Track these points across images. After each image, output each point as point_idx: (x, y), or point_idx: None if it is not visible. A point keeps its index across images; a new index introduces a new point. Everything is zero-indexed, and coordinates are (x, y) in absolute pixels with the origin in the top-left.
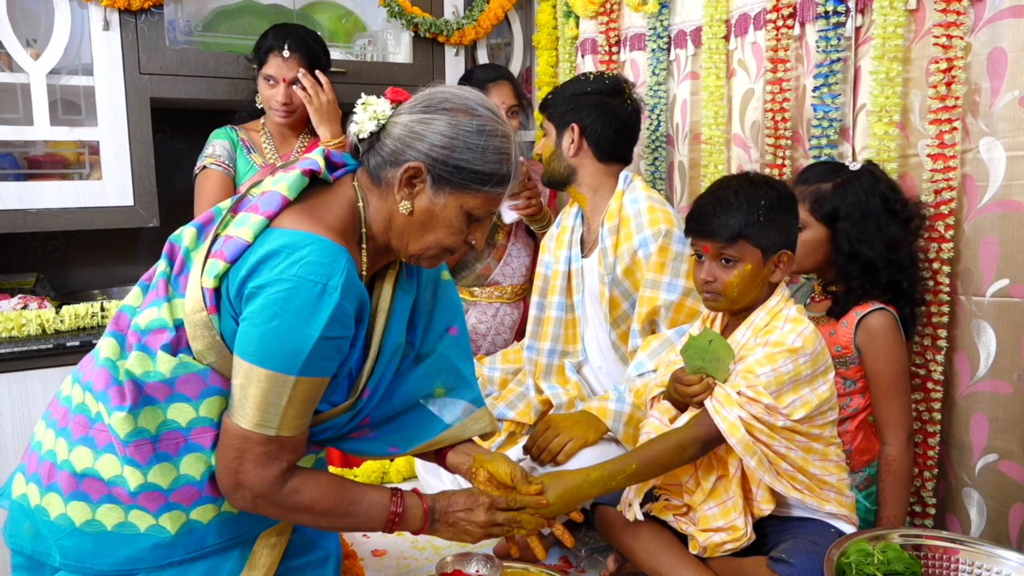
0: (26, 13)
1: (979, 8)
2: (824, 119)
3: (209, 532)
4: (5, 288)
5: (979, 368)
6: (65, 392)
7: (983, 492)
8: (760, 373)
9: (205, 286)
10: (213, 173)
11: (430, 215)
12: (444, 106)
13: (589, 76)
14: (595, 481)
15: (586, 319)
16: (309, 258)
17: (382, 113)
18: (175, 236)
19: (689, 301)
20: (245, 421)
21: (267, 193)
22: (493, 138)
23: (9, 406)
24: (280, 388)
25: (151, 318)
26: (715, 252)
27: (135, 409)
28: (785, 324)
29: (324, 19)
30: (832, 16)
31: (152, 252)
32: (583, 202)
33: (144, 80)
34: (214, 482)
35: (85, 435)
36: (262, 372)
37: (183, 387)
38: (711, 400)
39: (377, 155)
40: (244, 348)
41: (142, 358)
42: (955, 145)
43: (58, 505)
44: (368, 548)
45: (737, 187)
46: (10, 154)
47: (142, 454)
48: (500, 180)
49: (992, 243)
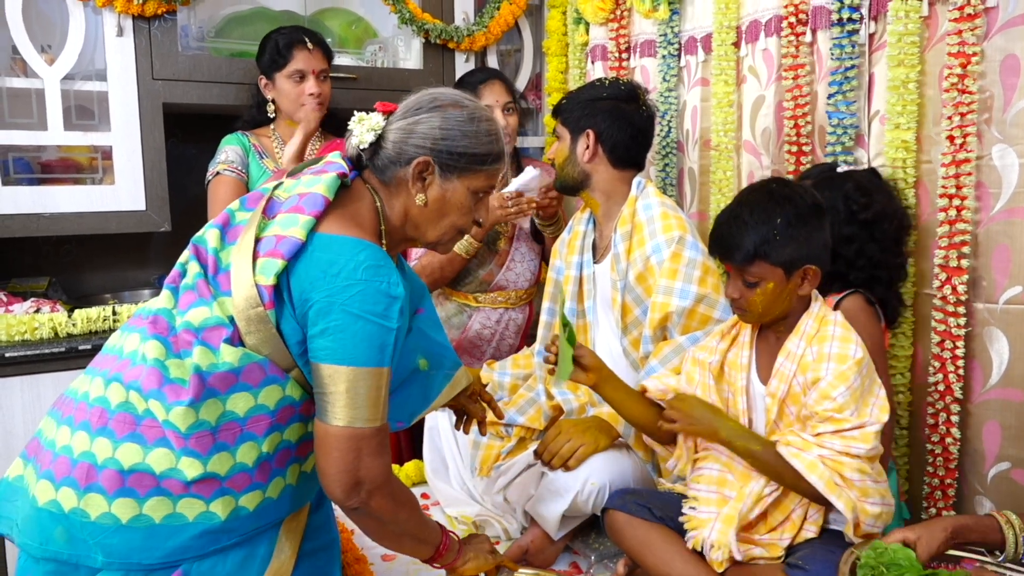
0: (41, 19)
1: (992, 15)
2: (839, 126)
3: (252, 518)
4: (18, 292)
5: (992, 376)
6: (95, 393)
7: (995, 500)
8: (836, 396)
9: (261, 283)
10: (227, 179)
11: (443, 201)
12: (433, 105)
13: (604, 82)
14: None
15: (597, 325)
16: (367, 263)
17: (377, 124)
18: (198, 238)
19: (702, 308)
20: (358, 421)
21: (309, 195)
22: (482, 123)
23: (21, 409)
24: (378, 381)
25: (204, 316)
26: (735, 272)
27: (196, 403)
28: (836, 329)
29: (335, 25)
30: (847, 24)
31: (164, 256)
32: (596, 207)
33: (157, 85)
34: (263, 468)
35: (132, 432)
36: (362, 371)
37: (247, 376)
38: (786, 448)
39: (381, 159)
40: (338, 355)
41: (205, 352)
42: (968, 152)
43: (101, 505)
44: (378, 553)
45: (753, 204)
46: (24, 159)
47: (203, 445)
48: (496, 157)
49: (1005, 250)
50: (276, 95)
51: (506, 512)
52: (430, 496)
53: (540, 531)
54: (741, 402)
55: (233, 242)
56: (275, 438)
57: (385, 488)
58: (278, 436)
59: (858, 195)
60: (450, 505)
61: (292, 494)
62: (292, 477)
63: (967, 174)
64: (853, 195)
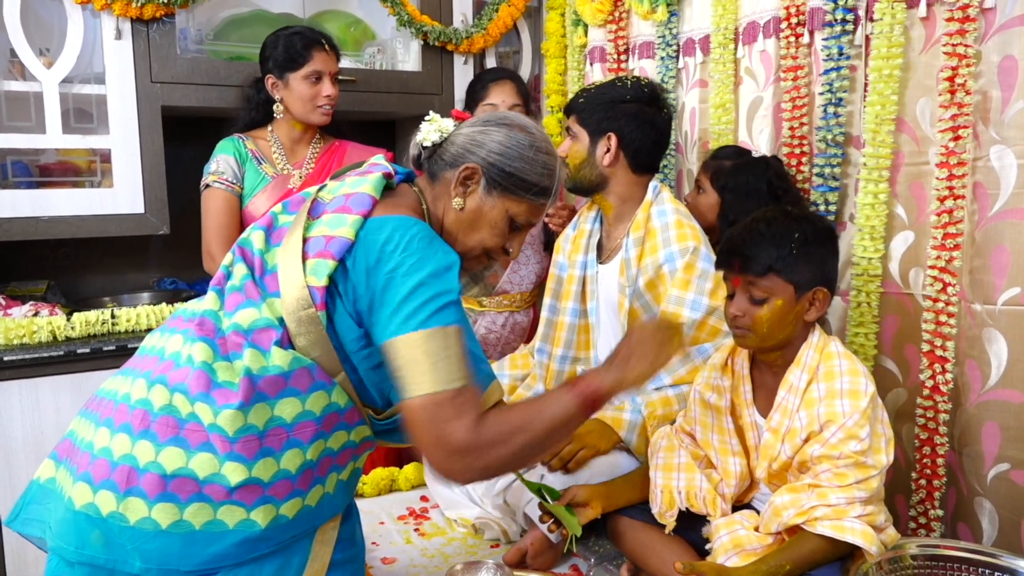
0: (39, 22)
1: (989, 16)
2: (832, 125)
3: (291, 526)
4: (16, 295)
5: (990, 377)
6: (137, 395)
7: (994, 502)
8: (864, 436)
9: (313, 285)
10: (216, 192)
11: (479, 214)
12: (503, 122)
13: (626, 82)
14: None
15: (599, 326)
16: (420, 234)
17: (446, 128)
18: (244, 240)
19: (712, 320)
20: (428, 386)
21: (355, 195)
22: (542, 154)
23: (20, 412)
24: (445, 340)
25: (253, 318)
26: (744, 287)
27: (245, 406)
28: (842, 362)
29: (333, 27)
30: (839, 24)
31: (162, 259)
32: (608, 209)
33: (155, 88)
34: (306, 475)
35: (175, 436)
36: (426, 333)
37: (296, 381)
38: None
39: (438, 160)
40: (402, 324)
41: (255, 355)
42: (965, 153)
43: (140, 509)
44: (377, 556)
45: (771, 219)
46: (22, 162)
47: (249, 450)
48: (543, 191)
49: (1003, 251)
50: (286, 95)
51: (506, 515)
52: (429, 499)
53: (540, 534)
54: (752, 437)
55: (278, 243)
56: (319, 445)
57: (479, 441)
58: (322, 443)
59: (778, 180)
60: (449, 508)
61: (329, 502)
62: (331, 485)
63: (962, 176)
64: (775, 180)
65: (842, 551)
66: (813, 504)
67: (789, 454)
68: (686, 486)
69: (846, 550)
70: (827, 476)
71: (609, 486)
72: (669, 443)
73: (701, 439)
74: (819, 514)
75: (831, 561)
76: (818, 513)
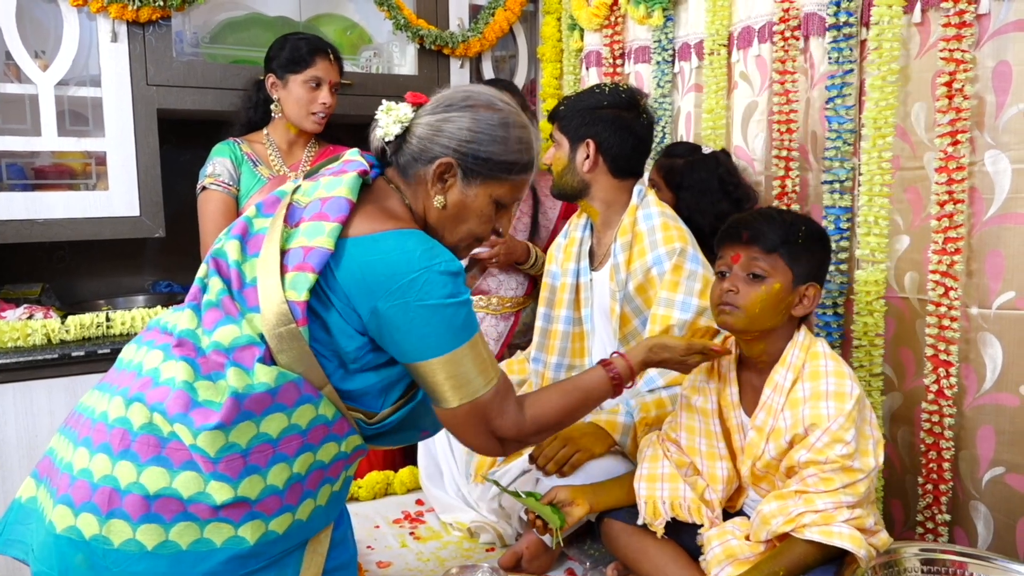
0: (35, 25)
1: (984, 22)
2: (838, 131)
3: (281, 540)
4: (11, 298)
5: (985, 380)
6: (114, 413)
7: (990, 505)
8: (849, 439)
9: (293, 299)
10: (213, 194)
11: (463, 207)
12: (465, 103)
13: (604, 88)
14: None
15: (594, 333)
16: (418, 248)
17: (405, 116)
18: (217, 251)
19: (702, 320)
20: (469, 394)
21: (331, 199)
22: (515, 129)
23: (14, 416)
24: (473, 351)
25: (234, 335)
26: (746, 262)
27: (225, 427)
28: (828, 363)
29: (330, 31)
30: (843, 27)
31: (158, 262)
32: (595, 216)
33: (151, 91)
34: (294, 489)
35: (157, 455)
36: (459, 352)
37: (283, 396)
38: (814, 532)
39: (405, 155)
40: (430, 349)
41: (239, 373)
42: (961, 158)
43: (124, 531)
44: (373, 560)
45: (780, 210)
46: (17, 164)
47: (233, 469)
48: (524, 167)
49: (998, 255)
50: (284, 96)
51: (501, 518)
52: (425, 503)
53: (535, 537)
54: (738, 439)
55: (255, 253)
56: (307, 458)
57: (525, 427)
58: (310, 456)
59: (729, 175)
60: (445, 511)
61: (321, 515)
62: (323, 498)
63: (959, 181)
64: (726, 175)
65: (833, 554)
66: (801, 511)
67: (773, 454)
68: (670, 496)
69: (837, 553)
70: (814, 481)
71: (594, 486)
72: (654, 452)
73: (687, 445)
74: (807, 520)
75: (823, 564)
76: (806, 520)
